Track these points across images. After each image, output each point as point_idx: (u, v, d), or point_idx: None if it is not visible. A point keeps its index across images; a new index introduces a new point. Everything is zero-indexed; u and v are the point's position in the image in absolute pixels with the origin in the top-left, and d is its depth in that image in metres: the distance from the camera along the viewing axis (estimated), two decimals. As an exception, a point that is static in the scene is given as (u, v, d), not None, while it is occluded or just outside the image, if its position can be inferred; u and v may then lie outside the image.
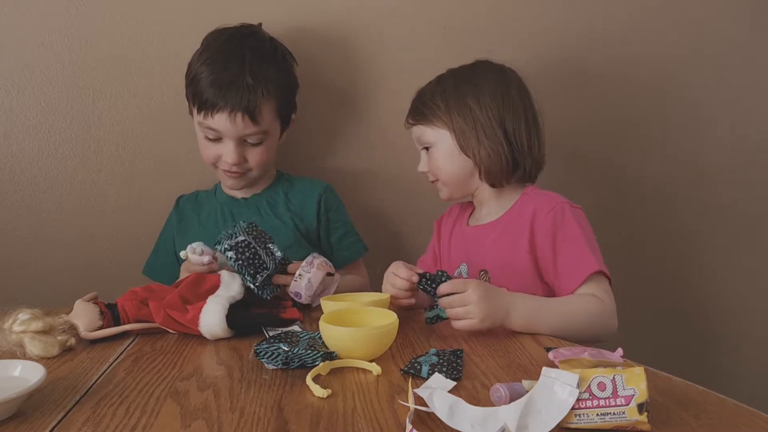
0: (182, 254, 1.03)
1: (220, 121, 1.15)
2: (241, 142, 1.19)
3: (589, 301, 0.96)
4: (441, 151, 1.12)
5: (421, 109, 1.14)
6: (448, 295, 0.90)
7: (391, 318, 0.80)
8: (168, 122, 1.32)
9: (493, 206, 1.14)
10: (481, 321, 0.88)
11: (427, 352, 0.80)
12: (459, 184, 1.14)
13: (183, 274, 1.09)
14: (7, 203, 1.32)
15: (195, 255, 1.02)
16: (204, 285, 0.95)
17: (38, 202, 1.32)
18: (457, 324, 0.89)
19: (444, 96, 1.11)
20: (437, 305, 0.93)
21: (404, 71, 1.38)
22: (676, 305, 1.52)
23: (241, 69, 1.16)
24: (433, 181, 1.16)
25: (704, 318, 1.51)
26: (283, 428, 0.60)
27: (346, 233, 1.29)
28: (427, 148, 1.14)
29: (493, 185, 1.12)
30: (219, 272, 0.99)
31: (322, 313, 0.86)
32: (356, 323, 0.82)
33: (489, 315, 0.88)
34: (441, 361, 0.76)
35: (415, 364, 0.75)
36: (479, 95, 1.09)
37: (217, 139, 1.18)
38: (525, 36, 1.40)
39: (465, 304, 0.88)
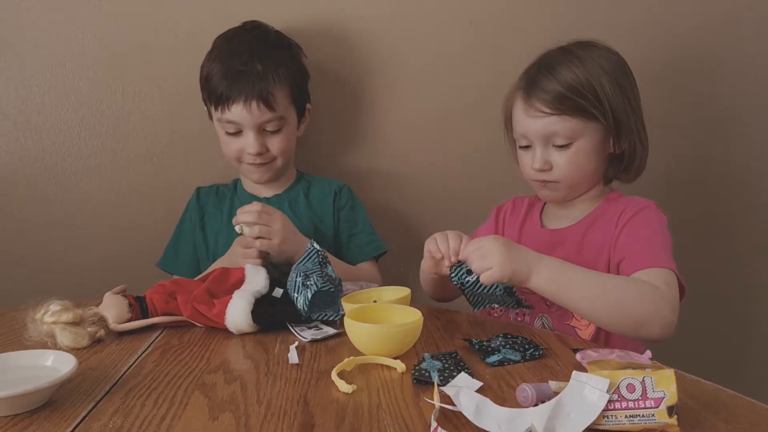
0: (238, 228, 1.08)
1: (236, 112, 1.17)
2: (261, 131, 1.20)
3: (641, 282, 0.88)
4: (586, 147, 1.00)
5: (571, 98, 0.98)
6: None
7: (415, 316, 0.80)
8: (195, 119, 1.33)
9: (576, 209, 1.07)
10: (501, 269, 0.84)
11: (423, 359, 0.76)
12: (585, 184, 1.04)
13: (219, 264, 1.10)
14: (38, 197, 1.34)
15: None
16: (230, 279, 0.96)
17: (68, 196, 1.35)
18: (482, 277, 0.86)
19: (600, 83, 0.99)
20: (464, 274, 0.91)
21: (428, 68, 1.37)
22: (708, 308, 1.48)
23: (250, 57, 1.18)
24: (545, 181, 1.03)
25: (735, 321, 1.47)
26: (309, 422, 0.61)
27: (357, 234, 1.27)
28: (560, 145, 1.00)
29: (609, 181, 1.06)
30: (243, 266, 1.00)
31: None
32: (381, 320, 0.82)
33: (507, 263, 0.84)
34: (445, 366, 0.73)
35: (423, 372, 0.71)
36: (628, 81, 1.02)
37: (238, 133, 1.19)
38: (555, 31, 1.37)
39: (484, 256, 0.86)
